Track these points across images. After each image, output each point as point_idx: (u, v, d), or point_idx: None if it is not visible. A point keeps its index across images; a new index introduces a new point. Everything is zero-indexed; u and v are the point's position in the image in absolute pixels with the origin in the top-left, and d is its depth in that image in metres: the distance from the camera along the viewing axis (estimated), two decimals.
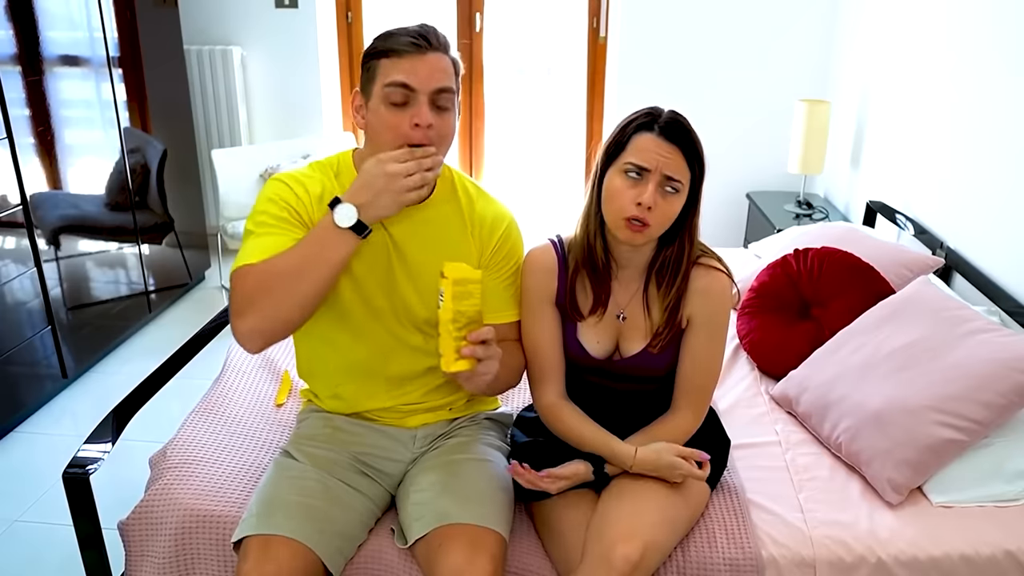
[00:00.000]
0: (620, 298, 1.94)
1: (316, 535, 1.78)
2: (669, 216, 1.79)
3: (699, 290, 1.89)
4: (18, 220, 3.32)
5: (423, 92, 1.75)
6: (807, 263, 2.79)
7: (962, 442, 2.09)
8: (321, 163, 1.94)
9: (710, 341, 1.92)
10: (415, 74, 1.74)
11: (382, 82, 1.75)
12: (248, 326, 1.71)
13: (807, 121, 4.14)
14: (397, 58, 1.74)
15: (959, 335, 2.27)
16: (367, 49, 1.81)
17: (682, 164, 1.78)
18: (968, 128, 3.07)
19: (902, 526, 2.00)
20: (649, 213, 1.76)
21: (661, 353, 1.93)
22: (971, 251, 3.03)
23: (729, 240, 4.94)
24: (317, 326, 1.96)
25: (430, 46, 1.76)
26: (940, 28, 3.33)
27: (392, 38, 1.76)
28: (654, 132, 1.79)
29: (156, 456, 2.22)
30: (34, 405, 3.55)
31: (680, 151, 1.78)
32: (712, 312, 1.90)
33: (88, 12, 3.73)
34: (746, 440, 2.33)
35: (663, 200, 1.77)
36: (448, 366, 1.69)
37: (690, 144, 1.79)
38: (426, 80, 1.75)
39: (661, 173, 1.76)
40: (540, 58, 6.17)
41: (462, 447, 2.02)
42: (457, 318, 1.67)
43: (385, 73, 1.75)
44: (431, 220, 1.93)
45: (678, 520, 1.85)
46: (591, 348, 1.94)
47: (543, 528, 1.94)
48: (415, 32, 1.76)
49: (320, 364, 2.06)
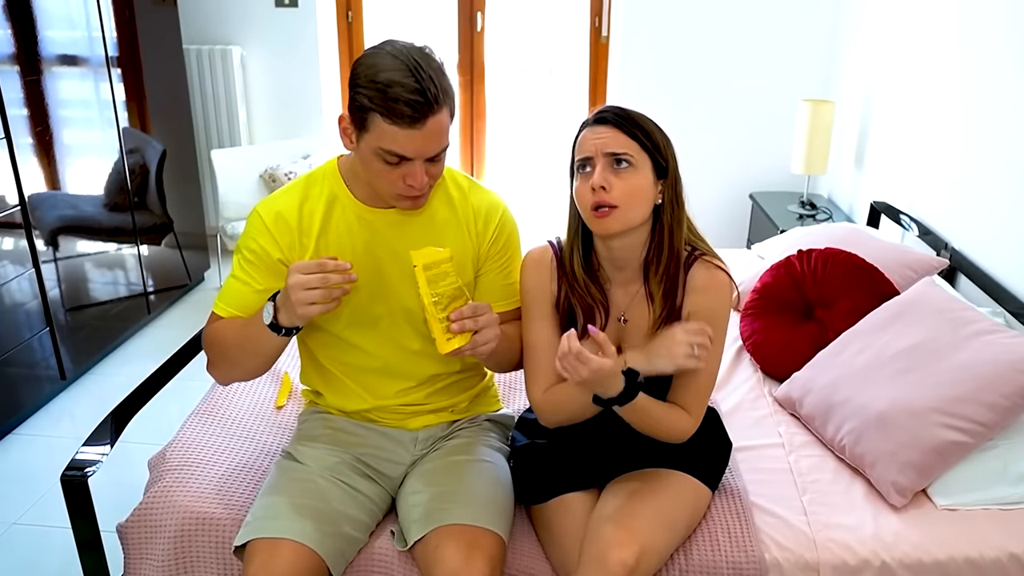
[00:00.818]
0: (620, 301, 1.92)
1: (321, 537, 1.78)
2: (632, 191, 1.75)
3: (698, 287, 1.86)
4: (16, 221, 3.32)
5: (418, 160, 1.73)
6: (811, 264, 2.79)
7: (967, 444, 2.09)
8: (306, 177, 1.93)
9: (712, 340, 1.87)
10: (411, 146, 1.69)
11: (376, 143, 1.70)
12: (215, 375, 1.97)
13: (811, 121, 4.14)
14: (393, 125, 1.66)
15: (964, 337, 2.27)
16: (362, 88, 1.68)
17: (622, 138, 1.75)
18: (973, 127, 3.07)
19: (907, 529, 2.00)
20: (608, 194, 1.74)
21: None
22: (976, 252, 3.03)
23: (732, 241, 4.94)
24: (318, 336, 1.97)
25: (430, 111, 1.67)
26: (945, 26, 3.33)
27: (389, 98, 1.64)
28: (589, 125, 1.81)
29: (155, 458, 2.22)
30: (32, 407, 3.55)
31: (616, 128, 1.76)
32: (712, 309, 1.85)
33: (87, 11, 3.73)
34: (749, 442, 2.33)
35: (617, 178, 1.75)
36: (443, 348, 1.69)
37: (624, 120, 1.77)
38: (422, 150, 1.71)
39: (602, 153, 1.76)
40: (542, 58, 6.16)
41: (462, 448, 2.03)
42: (439, 300, 1.69)
43: (380, 136, 1.69)
44: (426, 222, 1.92)
45: (676, 523, 1.84)
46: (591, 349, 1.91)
47: (542, 531, 1.94)
48: (414, 95, 1.64)
49: (323, 371, 2.06)
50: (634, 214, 1.78)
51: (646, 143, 1.76)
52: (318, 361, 2.05)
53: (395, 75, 1.65)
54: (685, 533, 1.89)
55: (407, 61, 1.66)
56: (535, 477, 1.99)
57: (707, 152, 4.89)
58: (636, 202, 1.77)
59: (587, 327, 1.76)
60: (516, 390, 2.59)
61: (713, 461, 2.02)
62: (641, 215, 1.79)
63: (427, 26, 5.46)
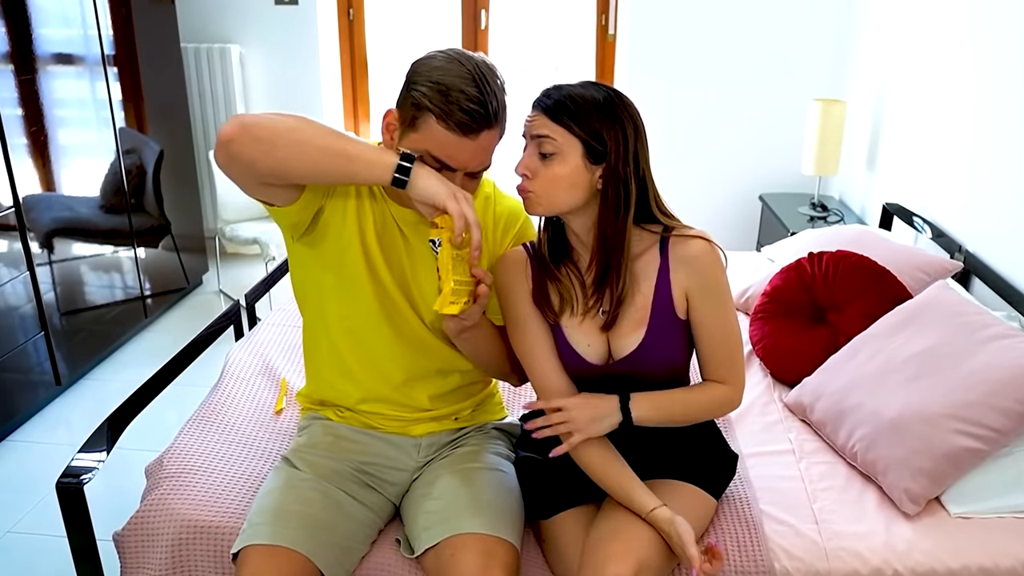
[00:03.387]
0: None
1: (317, 546, 1.78)
2: (551, 180, 1.75)
3: (681, 260, 1.83)
4: (10, 223, 3.33)
5: (460, 172, 1.74)
6: (822, 267, 2.79)
7: (981, 451, 2.09)
8: None
9: (717, 307, 1.85)
10: (459, 157, 1.71)
11: (424, 143, 1.70)
12: (249, 118, 1.65)
13: (821, 121, 4.14)
14: (447, 130, 1.67)
15: (978, 341, 2.27)
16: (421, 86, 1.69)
17: (546, 122, 1.75)
18: (988, 127, 3.07)
19: (919, 537, 2.00)
20: (529, 181, 1.77)
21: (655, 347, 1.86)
22: (991, 255, 3.03)
23: (741, 243, 4.94)
24: (326, 318, 1.98)
25: (486, 125, 1.70)
26: (959, 23, 3.33)
27: (451, 102, 1.66)
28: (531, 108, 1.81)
29: (152, 465, 2.22)
30: (27, 413, 3.56)
31: (543, 112, 1.76)
32: (703, 276, 1.83)
33: (83, 9, 3.75)
34: (759, 448, 2.33)
35: (543, 165, 1.76)
36: (443, 307, 1.69)
37: (552, 105, 1.76)
38: (467, 163, 1.73)
39: (530, 136, 1.78)
40: (547, 56, 6.17)
41: (472, 456, 2.03)
42: (458, 262, 1.69)
43: (429, 138, 1.69)
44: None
45: None
46: (584, 352, 1.89)
47: (546, 545, 1.94)
48: (475, 105, 1.66)
49: (327, 356, 2.05)
50: (557, 201, 1.77)
51: (573, 128, 1.74)
52: (326, 352, 2.04)
53: (459, 81, 1.66)
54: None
55: (473, 70, 1.68)
56: (537, 492, 1.98)
57: (716, 152, 4.90)
58: (557, 190, 1.76)
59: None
60: (520, 395, 2.59)
61: (717, 469, 2.01)
62: (566, 201, 1.78)
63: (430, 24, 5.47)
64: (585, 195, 1.78)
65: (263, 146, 1.62)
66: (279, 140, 1.63)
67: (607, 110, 1.75)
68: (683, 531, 1.71)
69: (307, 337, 2.09)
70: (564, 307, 1.90)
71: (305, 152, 1.64)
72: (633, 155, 1.77)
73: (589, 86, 1.78)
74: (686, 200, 4.71)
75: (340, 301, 1.95)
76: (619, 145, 1.75)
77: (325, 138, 1.66)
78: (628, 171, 1.76)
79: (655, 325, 1.85)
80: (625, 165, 1.76)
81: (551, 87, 1.80)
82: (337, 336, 2.00)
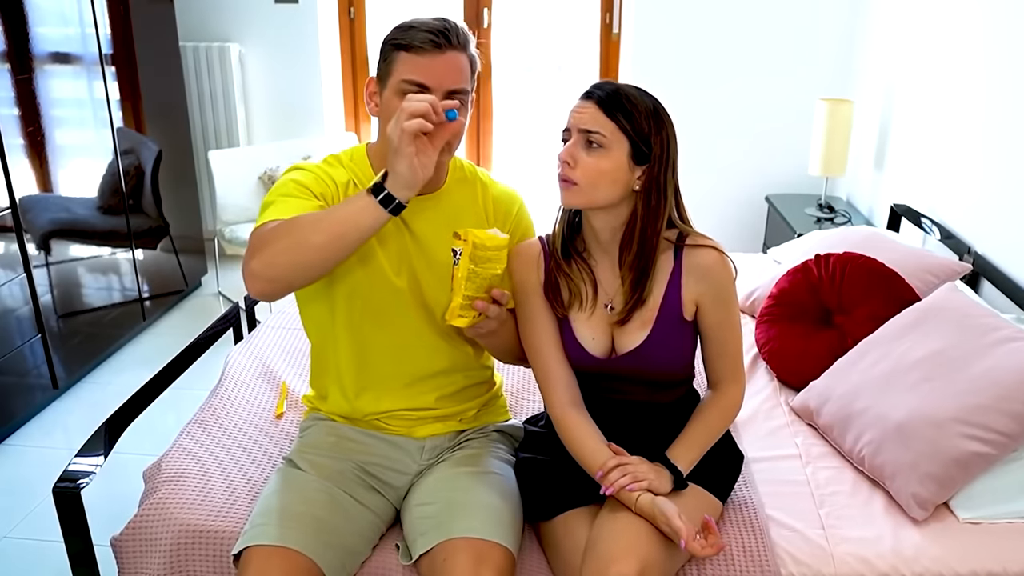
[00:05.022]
0: (608, 287, 1.96)
1: (320, 547, 1.79)
2: (596, 172, 1.80)
3: (694, 269, 1.91)
4: (7, 224, 3.34)
5: (438, 92, 1.79)
6: (828, 269, 2.79)
7: (990, 455, 2.09)
8: (337, 155, 1.99)
9: (726, 314, 1.94)
10: (431, 74, 1.79)
11: (398, 76, 1.80)
12: (253, 267, 1.67)
13: (829, 121, 4.14)
14: (415, 54, 1.79)
15: (987, 344, 2.27)
16: (387, 36, 1.85)
17: (600, 118, 1.80)
18: (998, 127, 3.07)
19: (927, 543, 2.00)
20: (572, 170, 1.81)
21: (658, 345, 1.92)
22: (1000, 256, 3.03)
23: (747, 245, 4.94)
24: (335, 314, 1.99)
25: (448, 44, 1.80)
26: (968, 21, 3.34)
27: (412, 31, 1.80)
28: (580, 97, 1.86)
29: (150, 469, 2.23)
30: (23, 416, 3.56)
31: (596, 105, 1.81)
32: (715, 286, 1.91)
33: (80, 7, 3.76)
34: (765, 453, 2.33)
35: (587, 155, 1.81)
36: (449, 317, 1.74)
37: (607, 100, 1.81)
38: (441, 80, 1.80)
39: (578, 129, 1.82)
40: (550, 55, 6.18)
41: (470, 460, 2.04)
42: (472, 277, 1.72)
43: (401, 68, 1.80)
44: (448, 209, 2.00)
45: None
46: (588, 345, 1.94)
47: (548, 547, 1.95)
48: (435, 28, 1.80)
49: (335, 354, 2.06)
50: (597, 194, 1.82)
51: (625, 125, 1.80)
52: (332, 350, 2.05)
53: (420, 20, 1.83)
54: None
55: (436, 18, 1.85)
56: (538, 494, 1.99)
57: (722, 153, 4.90)
58: (599, 183, 1.81)
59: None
60: (525, 400, 2.60)
61: (723, 471, 2.03)
62: (606, 196, 1.83)
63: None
64: (622, 194, 1.84)
65: (280, 282, 1.69)
66: (288, 268, 1.67)
67: (655, 116, 1.82)
68: (665, 508, 1.75)
69: (313, 337, 2.11)
70: (573, 301, 1.96)
71: (311, 259, 1.67)
72: (672, 164, 1.85)
73: (638, 89, 1.85)
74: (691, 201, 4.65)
75: (348, 304, 1.97)
76: (663, 151, 1.83)
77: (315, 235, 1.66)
78: (667, 177, 1.85)
79: (661, 325, 1.92)
80: (665, 171, 1.84)
81: (603, 81, 1.86)
82: (343, 337, 2.02)
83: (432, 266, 1.97)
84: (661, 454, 1.91)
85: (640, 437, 1.97)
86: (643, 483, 1.80)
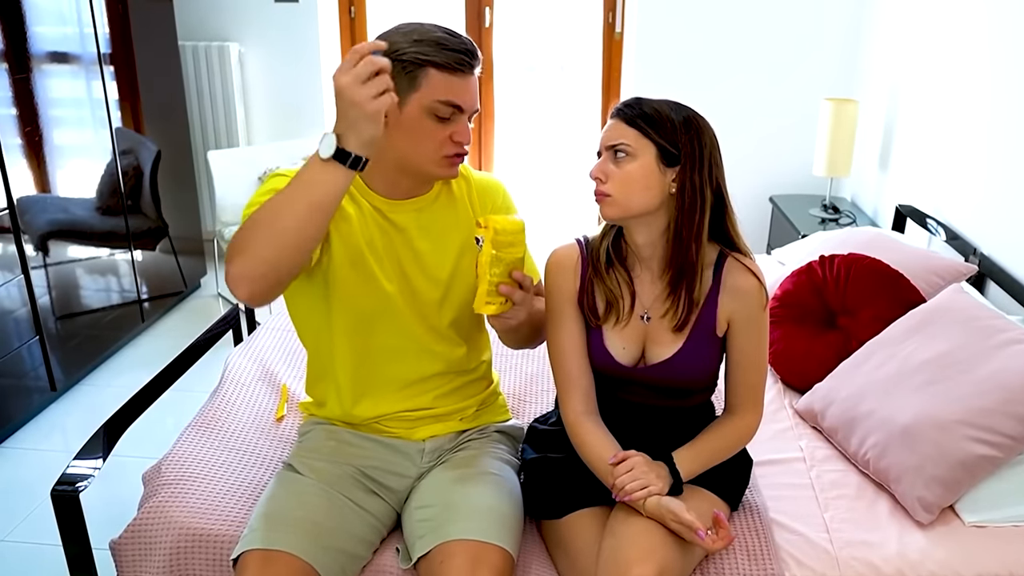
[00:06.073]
0: (644, 298, 1.96)
1: (319, 552, 1.79)
2: (625, 180, 1.83)
3: (732, 288, 1.93)
4: (4, 225, 3.34)
5: (468, 112, 1.84)
6: (833, 270, 2.79)
7: (996, 458, 2.09)
8: None
9: (758, 339, 1.95)
10: (465, 95, 1.82)
11: (431, 95, 1.78)
12: (235, 270, 1.61)
13: (833, 121, 4.14)
14: (450, 75, 1.79)
15: (993, 346, 2.27)
16: (411, 48, 1.76)
17: (622, 128, 1.84)
18: (1003, 127, 3.07)
19: (933, 547, 2.00)
20: (603, 184, 1.85)
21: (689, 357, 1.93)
22: (1006, 258, 3.03)
23: (751, 246, 4.84)
24: (329, 319, 1.98)
25: (475, 64, 1.83)
26: (974, 20, 3.34)
27: (443, 50, 1.78)
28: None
29: (150, 472, 2.23)
30: (21, 419, 3.57)
31: (618, 119, 1.86)
32: (749, 311, 1.93)
33: (78, 7, 3.76)
34: (769, 456, 2.33)
35: (616, 167, 1.83)
36: (479, 307, 1.79)
37: (628, 110, 1.85)
38: (472, 102, 1.85)
39: (605, 147, 1.86)
40: (553, 55, 6.18)
41: (469, 461, 2.04)
42: (495, 263, 1.76)
43: (436, 87, 1.78)
44: (435, 210, 2.00)
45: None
46: (617, 354, 1.95)
47: (555, 548, 1.96)
48: (464, 49, 1.80)
49: (331, 362, 2.06)
50: (631, 203, 1.84)
51: (647, 130, 1.82)
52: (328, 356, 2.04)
53: (441, 34, 1.80)
54: (703, 551, 1.89)
55: (441, 27, 1.83)
56: (548, 492, 2.00)
57: (725, 153, 4.83)
58: (632, 191, 1.83)
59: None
60: (526, 402, 2.60)
61: (733, 477, 2.03)
62: (641, 203, 1.84)
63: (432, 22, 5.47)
64: (658, 199, 1.85)
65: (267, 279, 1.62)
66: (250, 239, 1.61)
67: (683, 121, 1.86)
68: (673, 506, 1.76)
69: (308, 346, 2.10)
70: (609, 314, 1.96)
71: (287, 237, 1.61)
72: (708, 165, 1.88)
73: (668, 102, 1.88)
74: None
75: (341, 311, 1.96)
76: (693, 150, 1.86)
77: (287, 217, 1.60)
78: (703, 178, 1.87)
79: (694, 338, 1.93)
80: (700, 171, 1.86)
81: (631, 98, 1.89)
82: (338, 345, 2.01)
83: (423, 268, 1.97)
84: (667, 454, 1.91)
85: (651, 439, 1.97)
86: (651, 488, 1.81)
